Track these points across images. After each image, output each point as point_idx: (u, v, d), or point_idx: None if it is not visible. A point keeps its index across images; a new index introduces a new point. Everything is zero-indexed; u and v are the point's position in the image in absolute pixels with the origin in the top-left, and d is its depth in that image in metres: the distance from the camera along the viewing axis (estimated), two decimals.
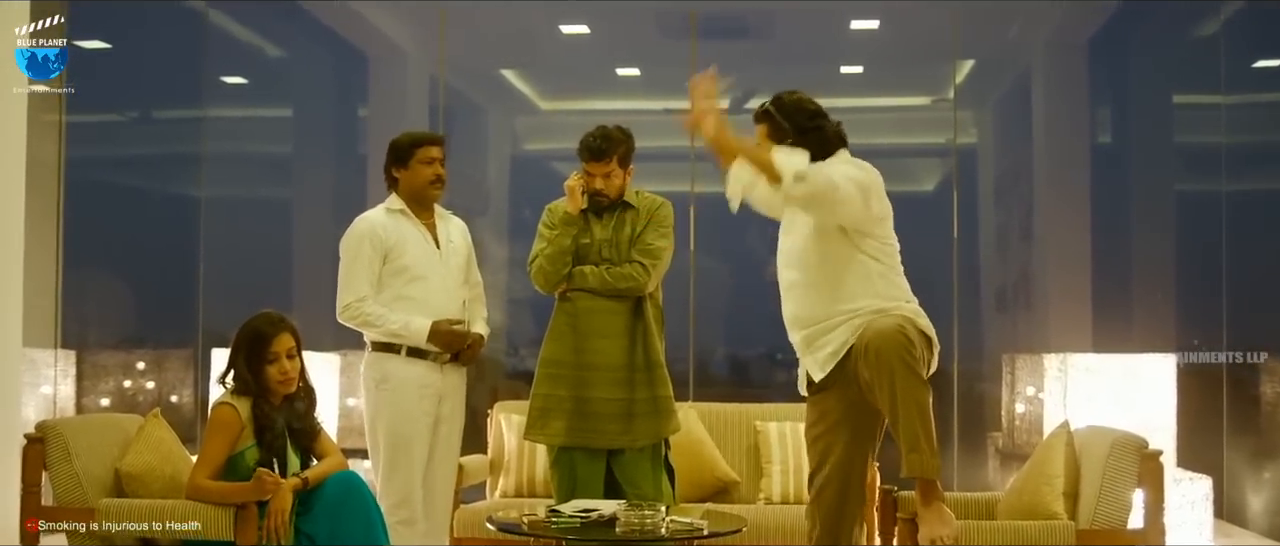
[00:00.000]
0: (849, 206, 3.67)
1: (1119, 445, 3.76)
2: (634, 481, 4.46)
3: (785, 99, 3.93)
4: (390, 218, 4.47)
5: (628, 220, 4.52)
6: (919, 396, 3.54)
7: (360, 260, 4.40)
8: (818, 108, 3.93)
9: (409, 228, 4.47)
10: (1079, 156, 7.92)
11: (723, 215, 4.13)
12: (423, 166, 4.48)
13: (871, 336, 3.59)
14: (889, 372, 3.53)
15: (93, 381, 7.19)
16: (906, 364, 3.53)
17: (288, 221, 8.67)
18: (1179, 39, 7.81)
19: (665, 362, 4.54)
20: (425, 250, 4.48)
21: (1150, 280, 7.72)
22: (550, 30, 8.24)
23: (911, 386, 3.53)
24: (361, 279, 4.39)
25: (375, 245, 4.40)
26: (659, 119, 8.23)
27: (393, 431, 4.40)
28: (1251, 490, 6.55)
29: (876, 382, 3.57)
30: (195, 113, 8.22)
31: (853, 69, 8.69)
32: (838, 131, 3.92)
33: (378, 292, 4.42)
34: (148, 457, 4.17)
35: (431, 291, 4.45)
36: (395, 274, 4.43)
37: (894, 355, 3.53)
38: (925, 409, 3.54)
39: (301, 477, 3.97)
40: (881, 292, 3.75)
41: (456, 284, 4.54)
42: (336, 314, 4.47)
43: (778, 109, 3.90)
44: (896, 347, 3.54)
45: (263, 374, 4.02)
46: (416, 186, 4.49)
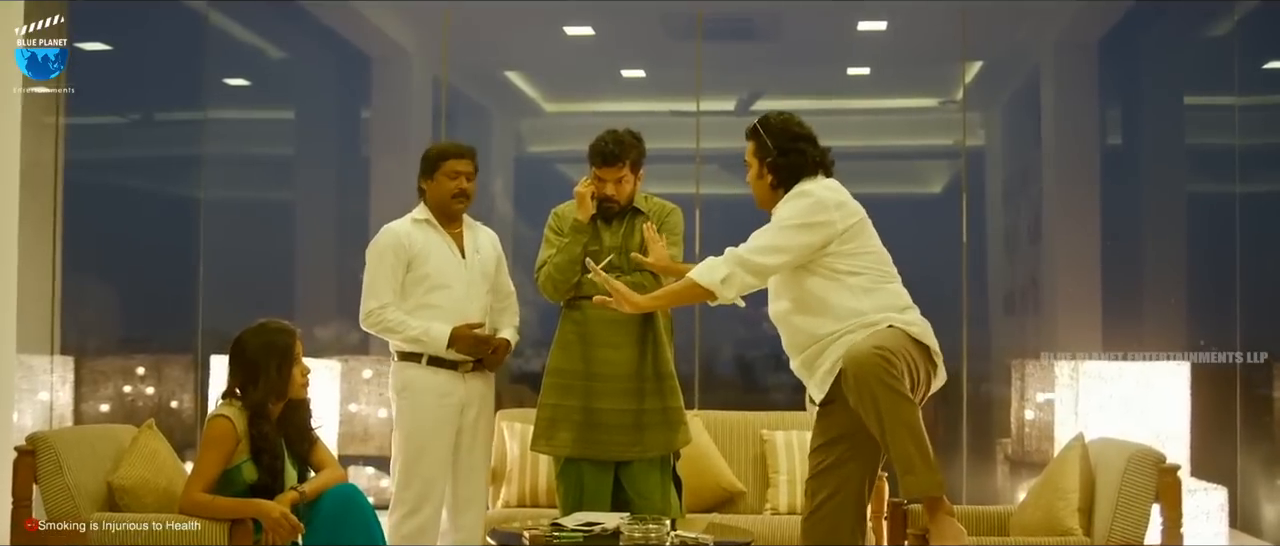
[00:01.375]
0: (789, 255, 3.69)
1: (1136, 459, 3.67)
2: (642, 492, 4.39)
3: (773, 119, 3.91)
4: (415, 227, 4.50)
5: (638, 227, 4.45)
6: (906, 416, 3.45)
7: (383, 268, 4.43)
8: (806, 131, 3.90)
9: (434, 237, 4.49)
10: (1089, 158, 7.84)
11: (728, 216, 4.11)
12: (447, 180, 4.49)
13: (848, 363, 3.52)
14: (872, 397, 3.45)
15: (91, 387, 7.13)
16: (887, 385, 3.44)
17: (290, 224, 8.62)
18: (1191, 40, 7.73)
19: (675, 373, 4.46)
20: (449, 259, 4.49)
21: (1161, 283, 7.65)
22: (554, 31, 8.17)
23: (896, 407, 3.44)
24: (384, 286, 4.42)
25: (398, 254, 4.43)
26: (664, 120, 8.23)
27: (409, 439, 4.43)
28: (1266, 498, 6.46)
29: (861, 408, 3.51)
30: (196, 114, 8.17)
31: (860, 70, 8.63)
32: (820, 160, 3.88)
33: (402, 301, 4.44)
34: (141, 470, 4.09)
35: (454, 299, 4.46)
36: (417, 282, 4.45)
37: (873, 378, 3.45)
38: (915, 427, 3.45)
39: (299, 491, 3.90)
40: (866, 306, 3.67)
41: (481, 292, 4.54)
42: (360, 320, 4.49)
43: (764, 128, 3.89)
44: (874, 370, 3.45)
45: (290, 378, 4.00)
46: (440, 199, 4.51)
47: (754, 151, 3.90)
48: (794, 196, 3.79)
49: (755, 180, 3.91)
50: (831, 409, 3.75)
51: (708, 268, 3.73)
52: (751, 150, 3.92)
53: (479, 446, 4.55)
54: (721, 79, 7.94)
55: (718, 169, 7.97)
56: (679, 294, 3.84)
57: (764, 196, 3.91)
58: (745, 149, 3.94)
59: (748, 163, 3.94)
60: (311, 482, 3.98)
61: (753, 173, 3.92)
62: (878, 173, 8.29)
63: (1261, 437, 6.56)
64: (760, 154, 3.88)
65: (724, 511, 5.38)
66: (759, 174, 3.89)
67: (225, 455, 3.87)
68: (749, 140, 3.93)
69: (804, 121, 3.92)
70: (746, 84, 8.21)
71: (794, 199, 3.78)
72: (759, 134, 3.88)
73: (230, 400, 3.98)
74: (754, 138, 3.90)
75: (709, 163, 7.62)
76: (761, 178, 3.88)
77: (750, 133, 3.92)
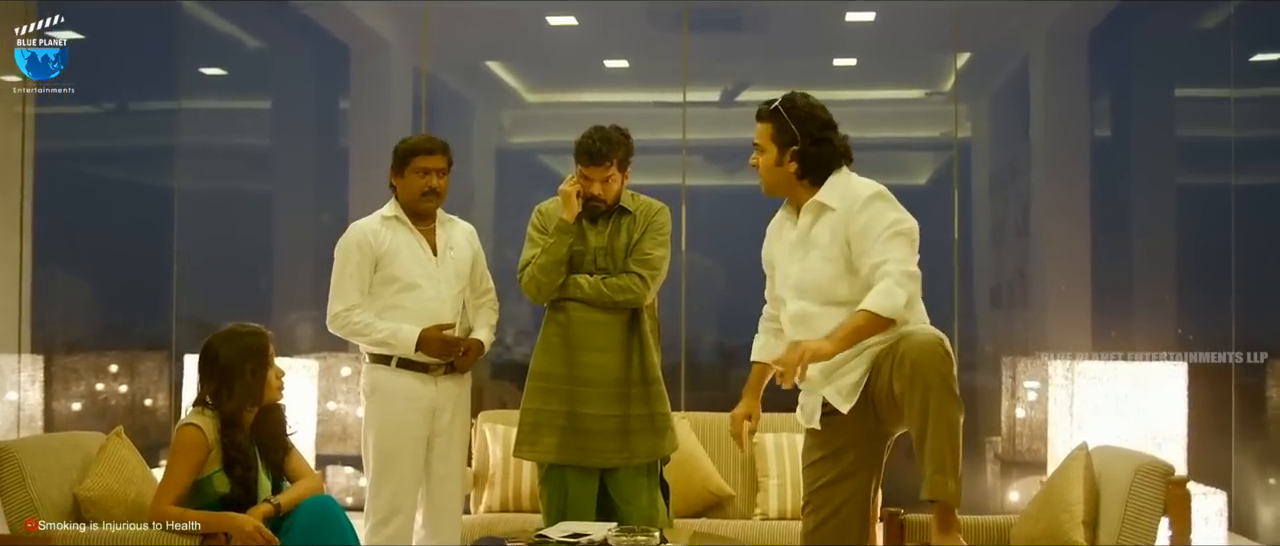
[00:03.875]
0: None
1: (1143, 471, 3.54)
2: (628, 497, 4.26)
3: (799, 102, 3.65)
4: (384, 225, 4.37)
5: (624, 227, 4.30)
6: (952, 416, 3.32)
7: (349, 268, 4.32)
8: (829, 117, 3.67)
9: (403, 235, 4.36)
10: (1078, 150, 7.77)
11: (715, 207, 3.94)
12: (416, 177, 4.36)
13: (909, 347, 3.35)
14: (924, 387, 3.30)
15: (62, 386, 6.95)
16: (944, 380, 3.31)
17: (267, 216, 8.48)
18: (1182, 32, 7.65)
19: (662, 378, 4.32)
20: (419, 258, 4.36)
21: (1151, 276, 7.57)
22: (537, 22, 8.04)
23: (946, 404, 3.31)
24: (351, 287, 4.31)
25: (365, 253, 4.31)
26: (649, 111, 8.15)
27: (380, 444, 4.31)
28: (1261, 500, 6.37)
29: (909, 396, 3.34)
30: (171, 104, 8.04)
31: (846, 61, 8.54)
32: (845, 147, 3.67)
33: (370, 302, 4.32)
34: (108, 480, 3.93)
35: (424, 300, 4.33)
36: (386, 283, 4.33)
37: (933, 369, 3.31)
38: (956, 430, 3.32)
39: (274, 503, 3.75)
40: (910, 317, 3.48)
41: (453, 292, 4.42)
42: (327, 323, 4.36)
43: (789, 111, 3.63)
44: (936, 362, 3.31)
45: (266, 382, 3.87)
46: (410, 197, 4.38)
47: (772, 135, 3.64)
48: (878, 197, 3.56)
49: (772, 167, 3.65)
50: (839, 419, 3.60)
51: (885, 296, 3.40)
52: (768, 134, 3.64)
53: (454, 451, 4.42)
54: (706, 69, 7.84)
55: (703, 160, 7.88)
56: (862, 329, 3.43)
57: (779, 184, 3.68)
58: (755, 131, 3.67)
59: (760, 146, 3.66)
60: (286, 493, 3.84)
61: (769, 158, 3.65)
62: (863, 164, 8.17)
63: (1256, 436, 6.47)
64: (781, 139, 3.62)
65: (712, 516, 5.27)
66: (779, 160, 3.64)
67: (195, 465, 3.72)
68: (765, 122, 3.66)
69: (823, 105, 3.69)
70: (731, 75, 8.12)
71: (883, 201, 3.56)
72: (782, 117, 3.62)
73: (201, 409, 3.82)
74: (773, 120, 3.64)
75: (694, 154, 7.51)
76: (781, 165, 3.64)
77: (768, 114, 3.65)
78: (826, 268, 3.58)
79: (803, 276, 3.63)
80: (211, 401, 3.83)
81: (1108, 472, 3.71)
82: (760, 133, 3.68)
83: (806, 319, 3.60)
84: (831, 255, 3.58)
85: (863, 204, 3.55)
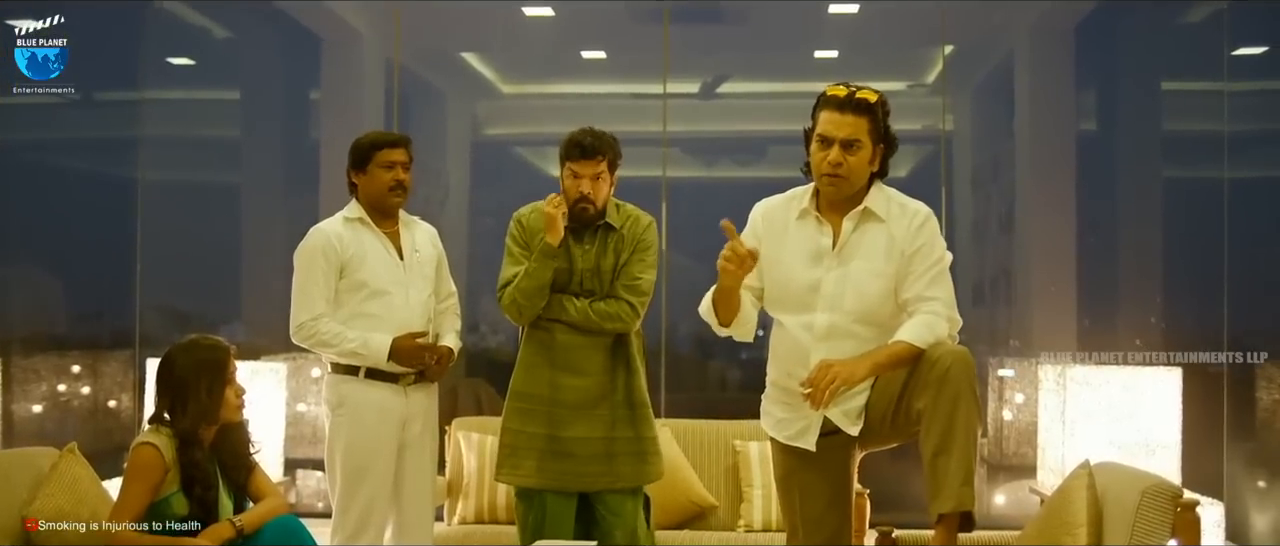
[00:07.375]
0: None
1: (1151, 494, 3.38)
2: (612, 508, 4.09)
3: (888, 103, 3.47)
4: (348, 227, 4.17)
5: (611, 246, 4.12)
6: (976, 430, 3.23)
7: (314, 274, 4.10)
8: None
9: (369, 238, 4.17)
10: (1063, 145, 7.67)
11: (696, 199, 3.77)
12: (382, 171, 4.17)
13: (944, 355, 3.22)
14: (954, 397, 3.18)
15: (22, 387, 6.73)
16: (973, 392, 3.22)
17: (235, 209, 8.30)
18: (1169, 26, 7.57)
19: (649, 401, 4.16)
20: (387, 262, 4.17)
21: (1138, 272, 7.49)
22: (512, 12, 7.89)
23: (973, 418, 3.21)
24: (316, 296, 4.09)
25: (330, 258, 4.10)
26: (627, 103, 8.05)
27: (348, 459, 4.10)
28: (1255, 507, 6.26)
29: (936, 405, 3.19)
30: (136, 94, 7.84)
31: (828, 54, 8.42)
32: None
33: (335, 309, 4.12)
34: (60, 501, 3.73)
35: (394, 307, 4.14)
36: (353, 289, 4.12)
37: (965, 381, 3.20)
38: (976, 442, 3.24)
39: (237, 525, 3.56)
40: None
41: (422, 298, 4.23)
42: (290, 334, 4.15)
43: (884, 113, 3.45)
44: (968, 373, 3.22)
45: (223, 400, 3.66)
46: (375, 193, 4.18)
47: (869, 131, 3.41)
48: (932, 220, 3.46)
49: (865, 164, 3.43)
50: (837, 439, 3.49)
51: (929, 330, 3.31)
52: (865, 128, 3.40)
53: (424, 465, 4.25)
54: (685, 61, 7.74)
55: (682, 152, 7.76)
56: (899, 359, 3.30)
57: (861, 180, 3.46)
58: (838, 124, 3.39)
59: (854, 140, 3.39)
60: (249, 514, 3.65)
61: (865, 155, 3.41)
62: None
63: (1246, 439, 6.36)
64: (873, 136, 3.42)
65: (695, 527, 5.12)
66: (872, 159, 3.44)
67: (152, 486, 3.53)
68: (862, 116, 3.38)
69: None
70: (711, 67, 8.01)
71: (935, 226, 3.46)
72: (879, 116, 3.42)
73: (157, 426, 3.63)
74: (870, 116, 3.40)
75: (674, 146, 7.39)
76: (872, 164, 3.45)
77: (866, 107, 3.39)
78: (876, 284, 3.43)
79: (841, 288, 3.45)
80: (168, 417, 3.64)
81: (1112, 493, 3.55)
82: (853, 126, 3.40)
83: (840, 334, 3.44)
84: (882, 271, 3.43)
85: (920, 224, 3.45)
